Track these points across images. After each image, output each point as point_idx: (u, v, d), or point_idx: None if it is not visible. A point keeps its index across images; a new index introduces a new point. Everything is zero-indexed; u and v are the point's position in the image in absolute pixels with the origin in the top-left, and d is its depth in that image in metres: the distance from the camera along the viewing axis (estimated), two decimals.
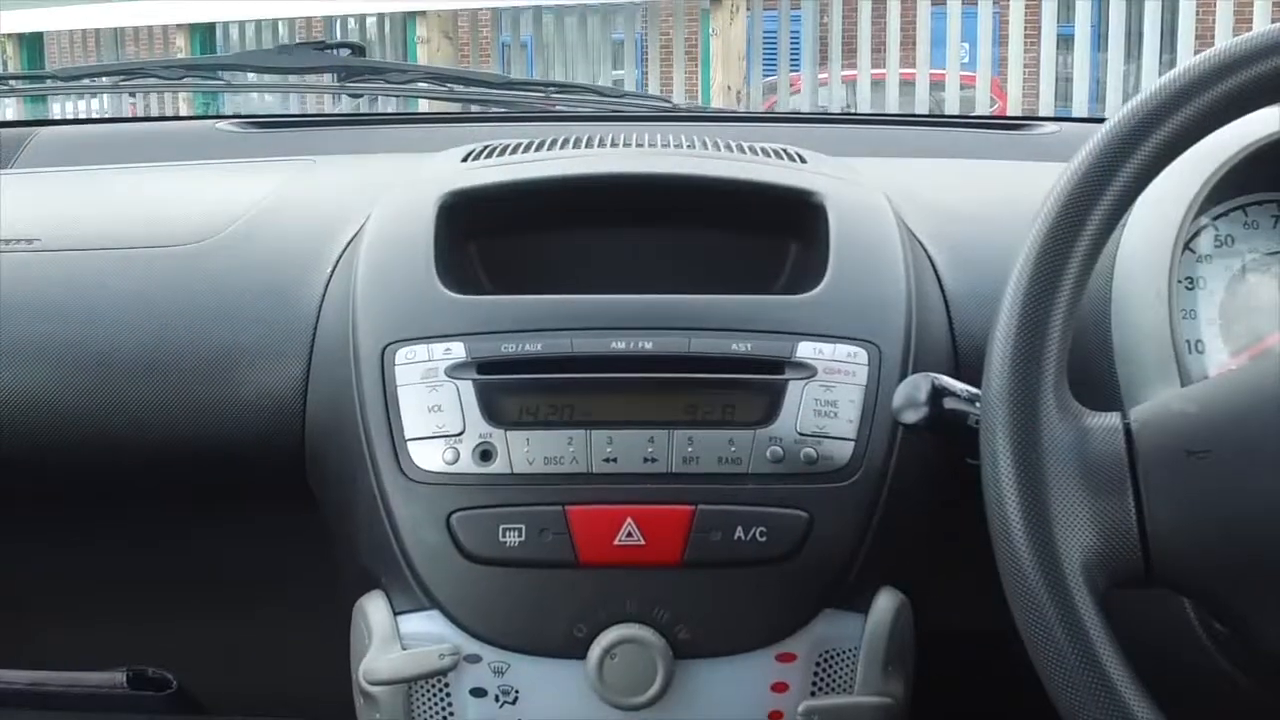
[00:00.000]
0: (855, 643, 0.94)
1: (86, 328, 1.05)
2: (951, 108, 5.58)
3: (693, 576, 0.93)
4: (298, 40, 5.24)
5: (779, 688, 0.94)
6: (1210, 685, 0.90)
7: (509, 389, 0.95)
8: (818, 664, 0.94)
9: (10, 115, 2.37)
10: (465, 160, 1.16)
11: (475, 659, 0.94)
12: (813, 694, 0.95)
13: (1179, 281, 0.96)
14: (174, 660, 1.16)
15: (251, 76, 1.98)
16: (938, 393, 0.83)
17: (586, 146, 1.18)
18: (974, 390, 0.82)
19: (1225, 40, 0.79)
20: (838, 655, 0.95)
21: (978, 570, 0.81)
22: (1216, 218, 0.99)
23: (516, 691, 0.94)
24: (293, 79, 1.86)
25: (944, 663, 0.98)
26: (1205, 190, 0.95)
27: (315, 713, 1.17)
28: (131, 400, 1.03)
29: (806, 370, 0.96)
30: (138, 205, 1.24)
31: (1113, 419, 0.77)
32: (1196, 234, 0.98)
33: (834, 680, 0.95)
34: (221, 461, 1.04)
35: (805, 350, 0.96)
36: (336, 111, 2.68)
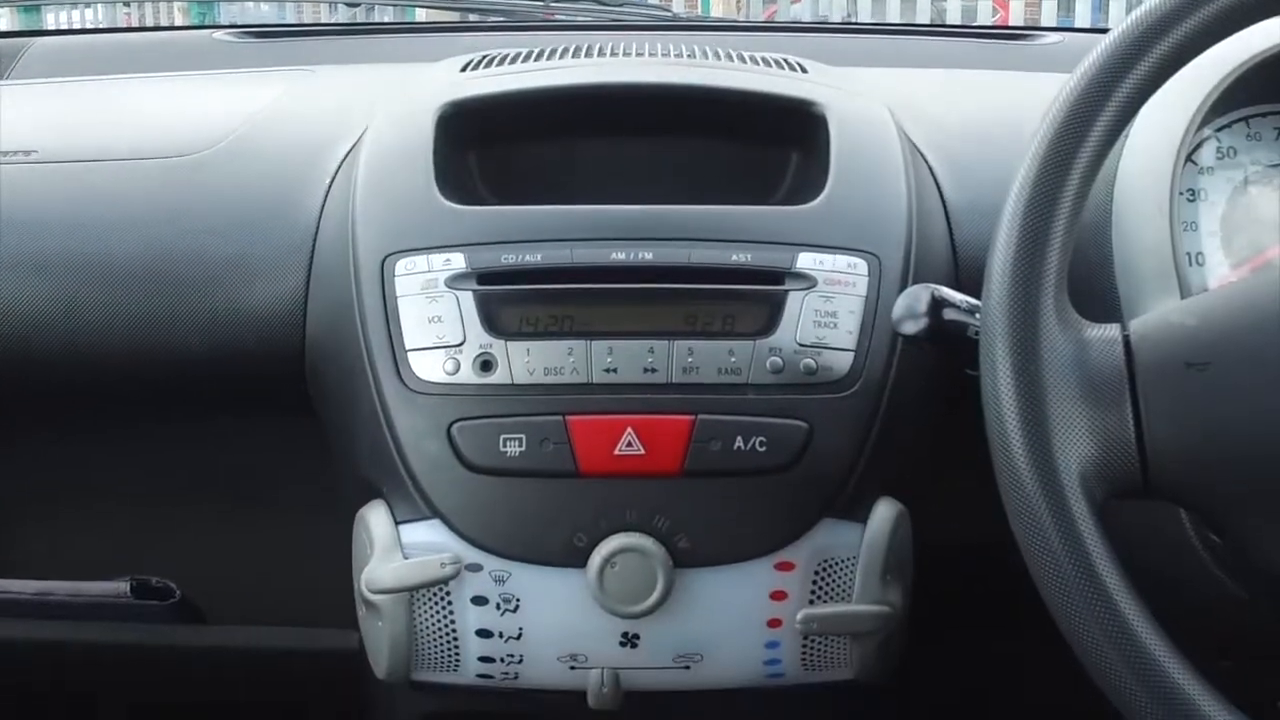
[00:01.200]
0: (854, 552, 0.95)
1: (85, 240, 1.05)
2: (953, 17, 5.54)
3: (692, 486, 0.93)
4: None
5: (778, 596, 0.95)
6: (1206, 597, 0.91)
7: (509, 299, 0.95)
8: (816, 573, 0.95)
9: (4, 26, 2.35)
10: (464, 70, 1.16)
11: (476, 568, 0.95)
12: (811, 602, 0.95)
13: (1180, 194, 0.95)
14: (177, 570, 1.16)
15: None
16: (937, 304, 0.83)
17: (585, 56, 1.17)
18: (974, 301, 0.82)
19: None
20: (836, 564, 0.95)
21: (976, 481, 0.81)
22: (1219, 130, 0.99)
23: (517, 600, 0.95)
24: None
25: (942, 572, 0.99)
26: (1208, 102, 0.95)
27: (318, 622, 1.18)
28: (131, 312, 1.03)
29: (806, 281, 0.96)
30: (134, 116, 1.24)
31: (1112, 331, 0.78)
32: (1199, 146, 0.98)
33: (832, 589, 0.95)
34: (222, 373, 1.04)
35: (805, 261, 0.96)
36: (333, 21, 2.66)
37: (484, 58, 1.18)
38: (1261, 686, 1.24)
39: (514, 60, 1.16)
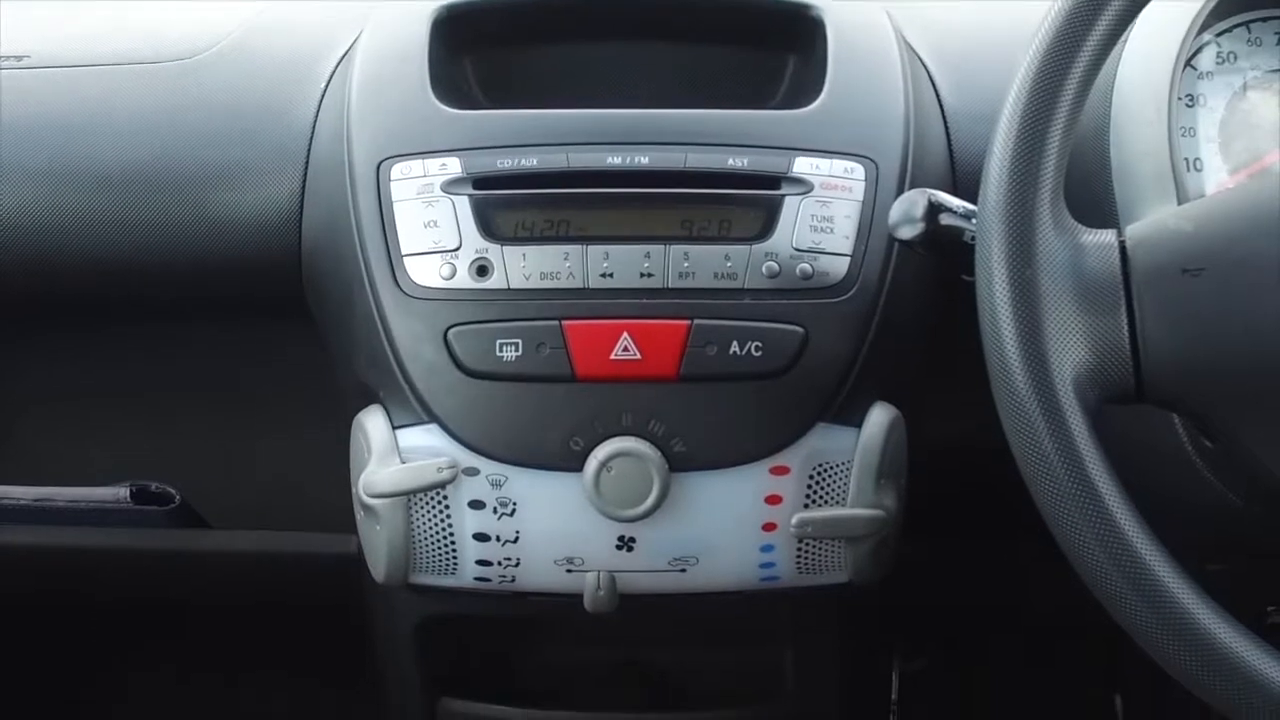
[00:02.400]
0: (848, 456, 0.96)
1: (80, 145, 1.04)
2: None
3: (688, 390, 0.94)
4: None
5: (773, 500, 0.96)
6: (1198, 503, 0.91)
7: (505, 204, 0.95)
8: (811, 477, 0.96)
9: None
10: None
11: (473, 472, 0.95)
12: (806, 506, 0.96)
13: (1179, 99, 0.95)
14: (176, 475, 1.17)
15: None
16: (934, 209, 0.83)
17: None
18: (970, 206, 0.82)
19: None
20: (831, 468, 0.96)
21: (970, 385, 0.82)
22: (1219, 34, 0.98)
23: (514, 504, 0.96)
24: None
25: (936, 477, 1.00)
26: (1208, 6, 0.94)
27: (317, 527, 1.19)
28: (125, 219, 1.03)
29: (803, 186, 0.95)
30: (127, 21, 1.23)
31: (1108, 236, 0.77)
32: (1198, 50, 0.97)
33: (827, 493, 0.96)
34: (219, 279, 1.04)
35: (802, 166, 0.96)
36: None
37: None
38: (1252, 591, 1.26)
39: None
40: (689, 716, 1.18)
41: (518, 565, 0.98)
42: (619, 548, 0.97)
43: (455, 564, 0.98)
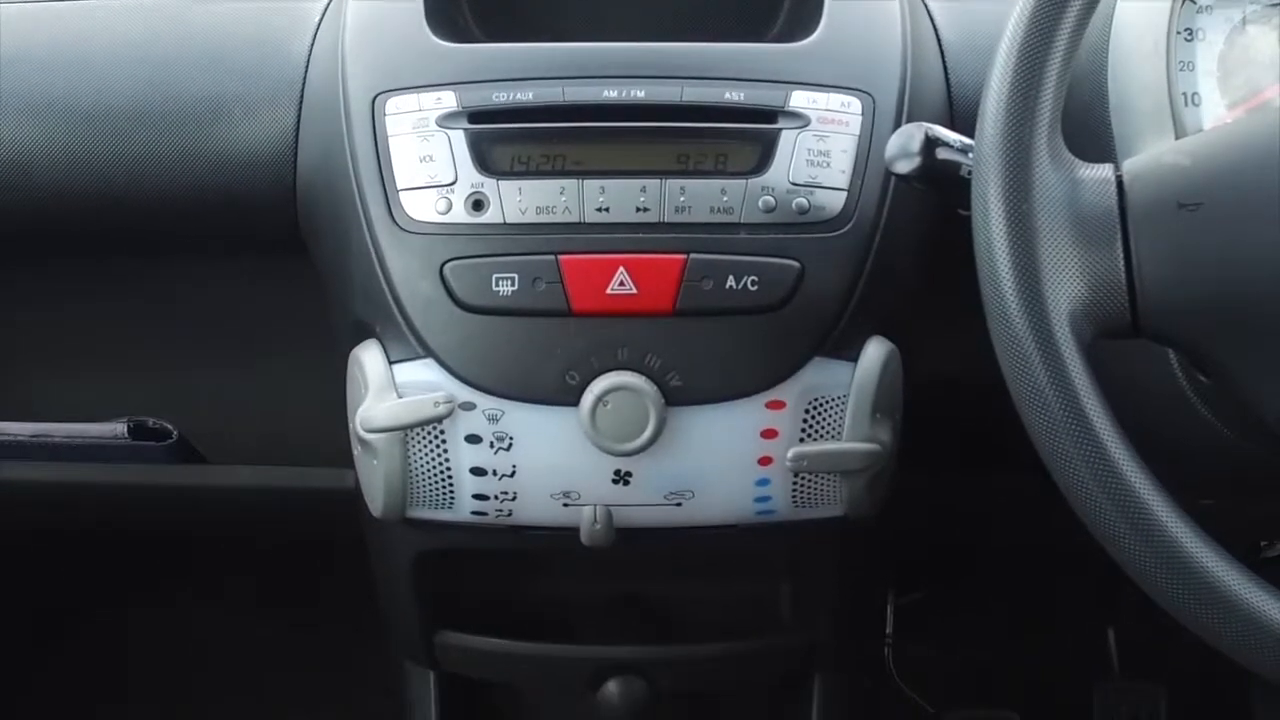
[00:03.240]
0: (844, 390, 0.96)
1: (75, 79, 1.04)
2: None
3: (684, 325, 0.94)
4: None
5: (769, 434, 0.96)
6: (1191, 437, 0.92)
7: (500, 138, 0.95)
8: (807, 411, 0.96)
9: None
10: None
11: (470, 406, 0.95)
12: (802, 440, 0.96)
13: (1177, 33, 0.94)
14: (174, 411, 1.17)
15: None
16: (931, 143, 0.83)
17: None
18: (967, 141, 0.82)
19: None
20: (827, 402, 0.96)
21: (966, 320, 0.82)
22: None
23: (511, 438, 0.96)
24: None
25: (931, 411, 1.00)
26: None
27: (314, 461, 1.19)
28: (120, 153, 1.02)
29: (800, 120, 0.95)
30: None
31: (1105, 170, 0.77)
32: None
33: (823, 427, 0.96)
34: (213, 214, 1.03)
35: (799, 99, 0.96)
36: None
37: None
38: (1245, 526, 1.26)
39: None
40: (685, 649, 1.19)
41: (514, 499, 0.98)
42: (615, 482, 0.97)
43: (452, 498, 0.99)
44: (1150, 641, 1.84)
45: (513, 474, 0.97)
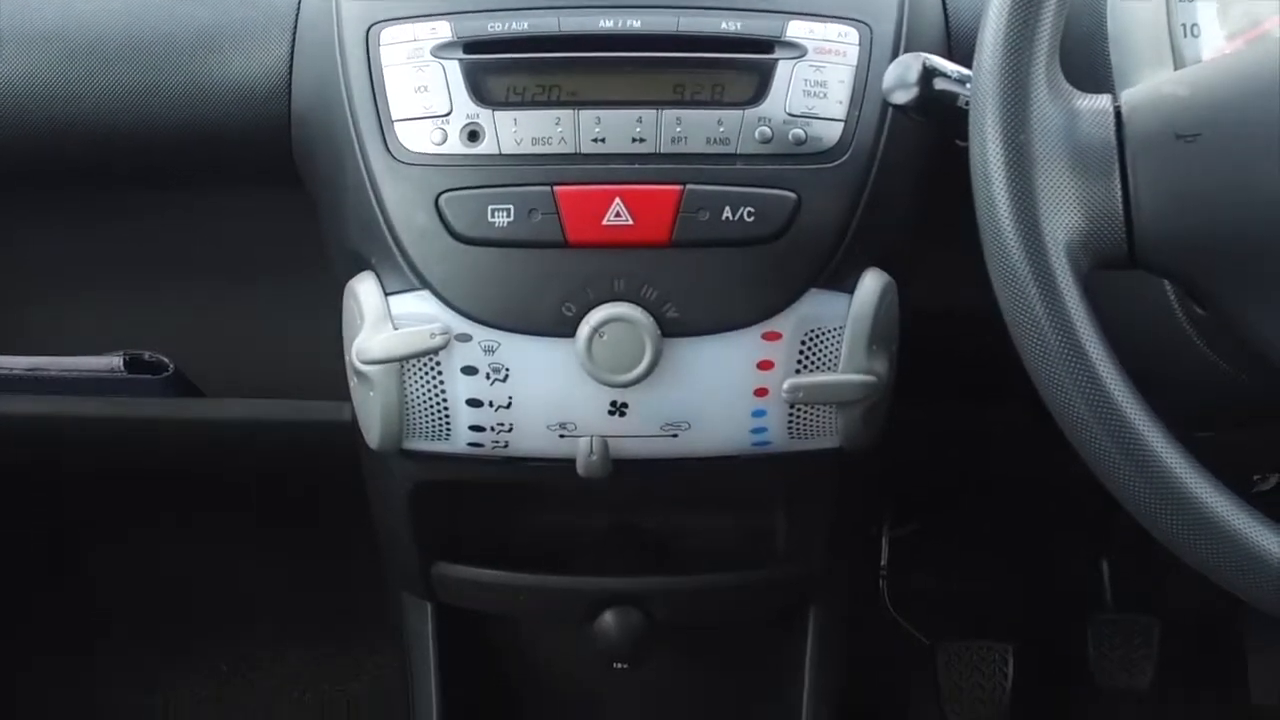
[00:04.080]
0: (840, 322, 0.96)
1: (64, 11, 1.03)
2: None
3: (681, 256, 0.94)
4: None
5: (765, 365, 0.96)
6: (1188, 369, 0.92)
7: (495, 69, 0.94)
8: (803, 342, 0.96)
9: None
10: None
11: (466, 338, 0.95)
12: (798, 371, 0.96)
13: None
14: (169, 344, 1.17)
15: None
16: (928, 73, 0.82)
17: None
18: (965, 71, 0.81)
19: None
20: (823, 334, 0.96)
21: (963, 251, 0.82)
22: None
23: (507, 369, 0.96)
24: None
25: (927, 343, 1.00)
26: None
27: (310, 394, 1.19)
28: (113, 85, 1.01)
29: (796, 50, 0.95)
30: None
31: (1103, 101, 0.77)
32: None
33: (819, 358, 0.96)
34: (208, 146, 1.03)
35: (795, 29, 0.95)
36: None
37: None
38: (1239, 459, 1.27)
39: None
40: (681, 581, 1.19)
41: (511, 431, 0.99)
42: (611, 413, 0.97)
43: (448, 430, 0.99)
44: (1144, 574, 1.85)
45: (509, 405, 0.97)
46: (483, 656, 1.30)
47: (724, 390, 0.97)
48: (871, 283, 0.96)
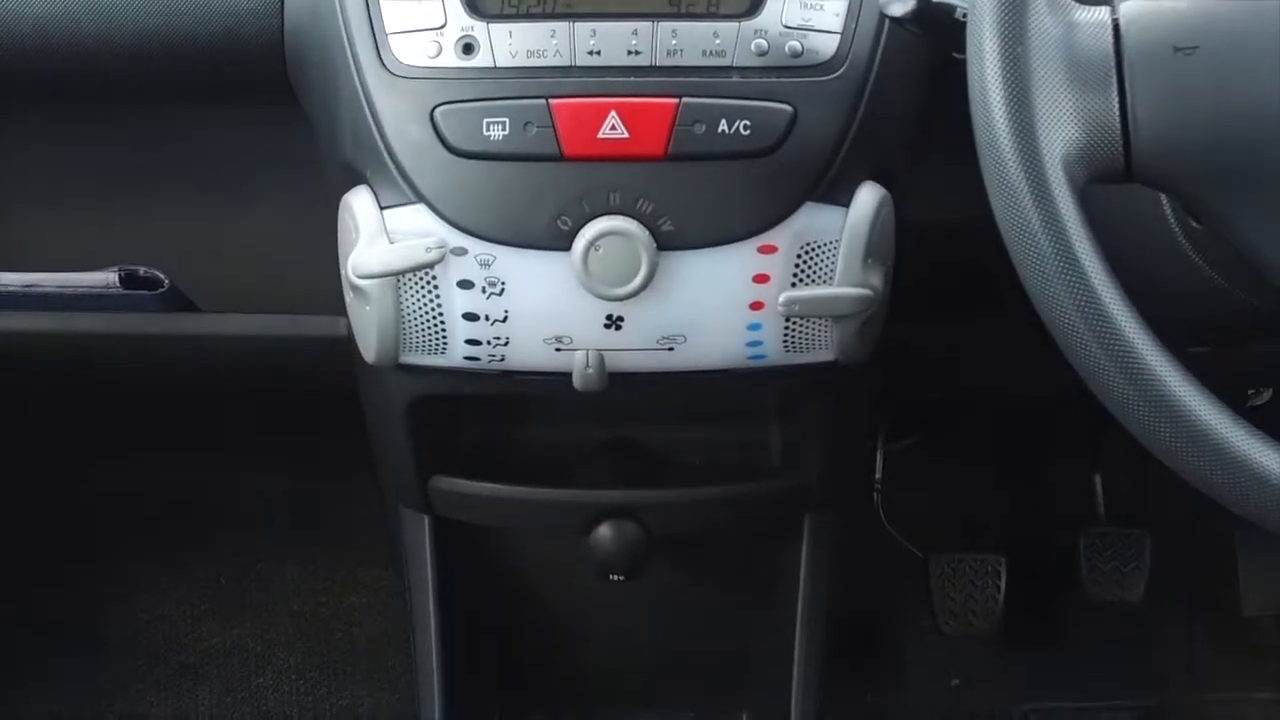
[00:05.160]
0: (836, 235, 0.96)
1: None
2: None
3: (676, 169, 0.93)
4: None
5: (760, 279, 0.96)
6: (1183, 283, 0.92)
7: None
8: (799, 256, 0.96)
9: None
10: None
11: (461, 252, 0.95)
12: (793, 285, 0.96)
13: None
14: (165, 260, 1.17)
15: None
16: None
17: None
18: None
19: None
20: (818, 247, 0.96)
21: (960, 165, 0.82)
22: None
23: (503, 283, 0.96)
24: None
25: (923, 256, 1.00)
26: None
27: (307, 309, 1.19)
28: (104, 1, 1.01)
29: None
30: None
31: (1101, 13, 0.77)
32: None
33: (814, 272, 0.96)
34: (204, 59, 1.02)
35: None
36: None
37: None
38: (1233, 374, 1.27)
39: None
40: (677, 493, 1.20)
41: (507, 344, 0.99)
42: (607, 326, 0.97)
43: (445, 344, 0.99)
44: (1136, 488, 1.86)
45: (505, 319, 0.97)
46: (480, 569, 1.31)
47: (719, 304, 0.97)
48: (867, 196, 0.96)
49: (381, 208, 0.96)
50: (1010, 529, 1.89)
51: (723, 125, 0.92)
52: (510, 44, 0.93)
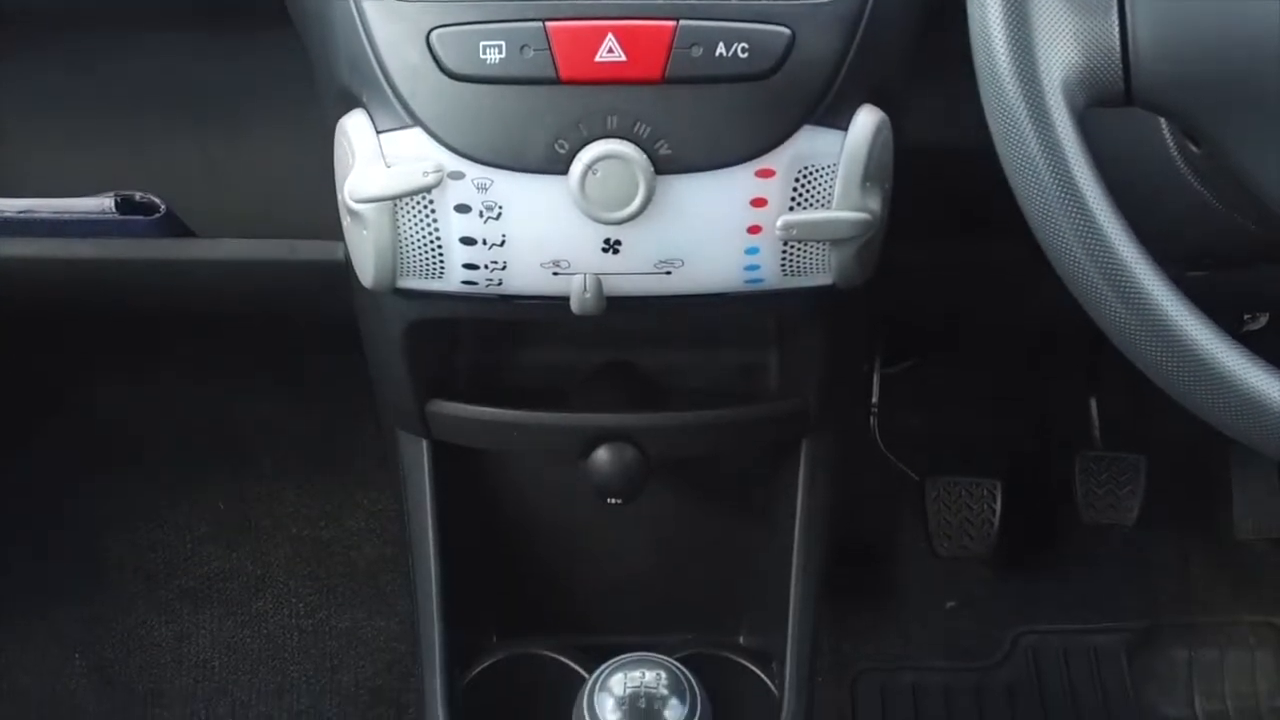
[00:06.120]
0: (834, 159, 0.95)
1: None
2: None
3: (674, 93, 0.93)
4: None
5: (758, 203, 0.96)
6: (1181, 207, 0.92)
7: None
8: (797, 179, 0.95)
9: None
10: None
11: (459, 175, 0.95)
12: (791, 208, 0.96)
13: None
14: (161, 185, 1.17)
15: None
16: None
17: None
18: None
19: None
20: (817, 171, 0.95)
21: (958, 88, 0.81)
22: None
23: (500, 207, 0.96)
24: None
25: (921, 180, 1.00)
26: None
27: (303, 234, 1.19)
28: None
29: None
30: None
31: None
32: None
33: (812, 195, 0.96)
34: None
35: None
36: None
37: None
38: (1230, 299, 1.27)
39: None
40: (674, 416, 1.21)
41: (504, 269, 0.99)
42: (605, 250, 0.97)
43: (442, 268, 0.99)
44: (1132, 413, 1.87)
45: (502, 243, 0.97)
46: (479, 493, 1.31)
47: (717, 227, 0.97)
48: (866, 119, 0.95)
49: (378, 132, 0.96)
50: (1006, 452, 1.90)
51: (720, 48, 0.92)
52: None
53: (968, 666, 1.84)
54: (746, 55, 0.92)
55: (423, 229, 0.97)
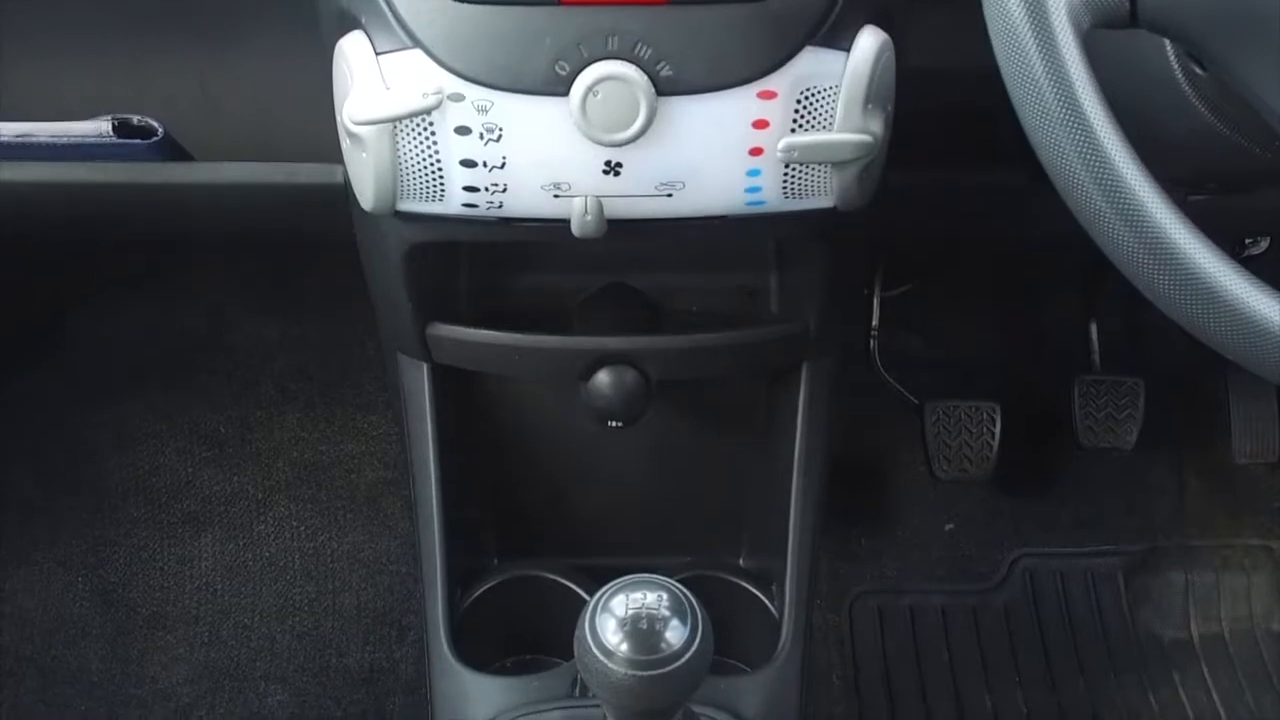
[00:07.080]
0: (836, 81, 0.95)
1: None
2: None
3: (675, 14, 0.92)
4: None
5: (760, 124, 0.95)
6: (1185, 130, 0.91)
7: None
8: (799, 101, 0.95)
9: None
10: None
11: (459, 97, 0.94)
12: (793, 130, 0.96)
13: None
14: (160, 108, 1.16)
15: None
16: None
17: None
18: None
19: None
20: (819, 93, 0.95)
21: (961, 9, 0.81)
22: None
23: (500, 129, 0.95)
24: None
25: (924, 102, 0.99)
26: None
27: (302, 157, 1.18)
28: None
29: None
30: None
31: None
32: None
33: (814, 117, 0.95)
34: None
35: None
36: None
37: None
38: (1231, 223, 1.27)
39: None
40: (674, 340, 1.21)
41: (505, 191, 0.98)
42: (606, 172, 0.97)
43: (442, 190, 0.98)
44: (1131, 337, 1.87)
45: (503, 165, 0.97)
46: (479, 416, 1.32)
47: (719, 149, 0.96)
48: (868, 41, 0.94)
49: (377, 53, 0.95)
50: (1005, 376, 1.91)
51: None
52: None
53: (965, 589, 1.85)
54: None
55: (422, 151, 0.96)
